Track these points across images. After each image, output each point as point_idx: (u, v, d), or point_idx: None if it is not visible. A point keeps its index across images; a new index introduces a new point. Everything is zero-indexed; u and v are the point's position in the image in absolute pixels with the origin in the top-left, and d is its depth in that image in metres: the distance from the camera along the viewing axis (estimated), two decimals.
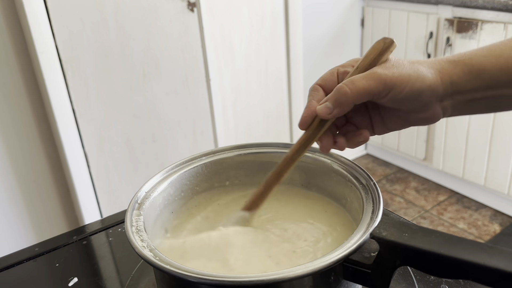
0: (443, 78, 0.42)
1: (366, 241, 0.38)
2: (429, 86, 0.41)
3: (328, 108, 0.42)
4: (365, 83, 0.41)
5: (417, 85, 0.41)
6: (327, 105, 0.42)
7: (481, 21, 1.72)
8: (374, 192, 0.45)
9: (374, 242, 0.39)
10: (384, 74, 0.41)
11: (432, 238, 0.37)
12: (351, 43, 2.22)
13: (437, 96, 0.42)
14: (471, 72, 0.42)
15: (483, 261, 0.33)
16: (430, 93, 0.42)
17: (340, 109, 0.42)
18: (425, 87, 0.41)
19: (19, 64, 1.32)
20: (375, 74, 0.41)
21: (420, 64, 0.42)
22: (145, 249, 0.39)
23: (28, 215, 1.45)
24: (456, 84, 0.42)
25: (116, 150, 1.50)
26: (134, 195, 0.48)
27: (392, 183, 2.21)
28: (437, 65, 0.42)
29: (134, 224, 0.43)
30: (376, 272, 0.38)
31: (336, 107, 0.42)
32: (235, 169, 0.58)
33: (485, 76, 0.42)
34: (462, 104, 0.44)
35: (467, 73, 0.42)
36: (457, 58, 0.43)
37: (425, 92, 0.42)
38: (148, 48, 1.47)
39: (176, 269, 0.37)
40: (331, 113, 0.42)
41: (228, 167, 0.58)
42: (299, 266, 0.36)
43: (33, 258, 0.59)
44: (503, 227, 1.85)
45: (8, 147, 1.35)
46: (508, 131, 1.75)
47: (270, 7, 1.75)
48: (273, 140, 1.95)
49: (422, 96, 0.42)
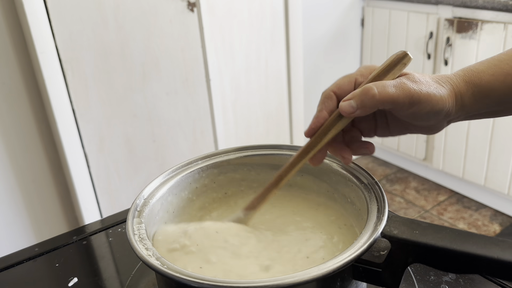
0: (457, 101, 0.43)
1: (376, 240, 0.38)
2: (447, 108, 0.42)
3: (352, 107, 0.41)
4: (395, 91, 0.40)
5: (438, 106, 0.41)
6: (352, 104, 0.41)
7: (481, 21, 1.72)
8: (377, 190, 0.45)
9: (383, 241, 0.39)
10: (413, 89, 0.40)
11: (443, 234, 0.37)
12: (351, 43, 2.22)
13: (449, 116, 0.43)
14: (481, 92, 0.43)
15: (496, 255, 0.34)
16: (446, 114, 0.42)
17: (363, 110, 0.41)
18: (444, 109, 0.42)
19: (19, 64, 1.32)
20: (405, 85, 0.40)
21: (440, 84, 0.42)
22: (152, 257, 0.39)
23: (28, 215, 1.44)
24: (466, 105, 0.43)
25: (116, 150, 1.50)
26: (133, 202, 0.47)
27: (392, 183, 2.21)
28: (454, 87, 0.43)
29: (136, 233, 0.43)
30: (388, 271, 0.38)
31: (360, 107, 0.41)
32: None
33: (493, 96, 0.43)
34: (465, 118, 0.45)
35: (477, 94, 0.43)
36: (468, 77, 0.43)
37: (442, 113, 0.42)
38: (148, 48, 1.47)
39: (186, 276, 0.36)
40: (354, 113, 0.42)
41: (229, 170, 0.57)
42: (312, 268, 0.35)
43: (33, 258, 0.59)
44: (503, 227, 1.85)
45: (8, 147, 1.35)
46: (508, 131, 1.74)
47: (270, 7, 1.75)
48: (273, 140, 1.95)
49: (439, 116, 0.42)
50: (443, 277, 0.50)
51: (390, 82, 0.41)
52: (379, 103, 0.40)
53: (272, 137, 1.93)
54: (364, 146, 0.46)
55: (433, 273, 0.51)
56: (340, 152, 0.45)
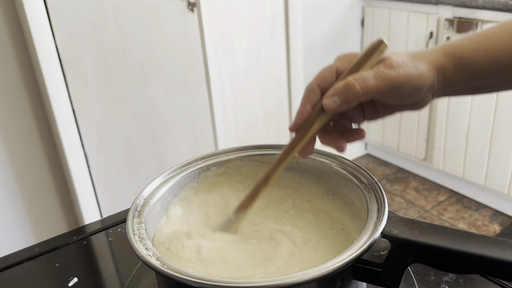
0: (438, 73, 0.43)
1: (377, 240, 0.38)
2: (429, 83, 0.43)
3: (336, 103, 0.42)
4: (375, 83, 0.41)
5: (420, 83, 0.42)
6: (335, 100, 0.42)
7: (481, 21, 1.72)
8: (377, 190, 0.45)
9: (383, 241, 0.39)
10: (391, 76, 0.41)
11: (443, 235, 0.37)
12: (351, 43, 2.22)
13: (432, 89, 0.44)
14: (461, 65, 0.43)
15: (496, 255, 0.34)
16: (428, 88, 0.43)
17: (347, 105, 0.42)
18: (426, 85, 0.43)
19: (19, 64, 1.32)
20: (383, 73, 0.41)
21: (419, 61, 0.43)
22: (152, 257, 0.39)
23: (27, 215, 1.44)
24: (447, 78, 0.44)
25: (116, 150, 1.50)
26: (133, 202, 0.47)
27: (392, 183, 2.21)
28: (433, 60, 0.44)
29: (136, 233, 0.43)
30: (388, 271, 0.38)
31: (343, 103, 0.42)
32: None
33: (473, 69, 0.43)
34: (449, 92, 0.46)
35: (458, 66, 0.43)
36: (448, 50, 0.44)
37: (424, 89, 0.43)
38: (148, 48, 1.47)
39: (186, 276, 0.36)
40: (338, 109, 0.42)
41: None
42: (312, 268, 0.35)
43: (33, 258, 0.59)
44: (503, 227, 1.85)
45: (8, 147, 1.35)
46: (508, 131, 1.74)
47: (270, 7, 1.75)
48: (273, 140, 1.95)
49: (422, 92, 0.43)
50: (443, 277, 0.50)
51: (369, 74, 0.41)
52: (362, 97, 0.41)
53: (272, 137, 1.93)
54: (355, 132, 0.46)
55: (433, 273, 0.51)
56: (334, 142, 0.46)
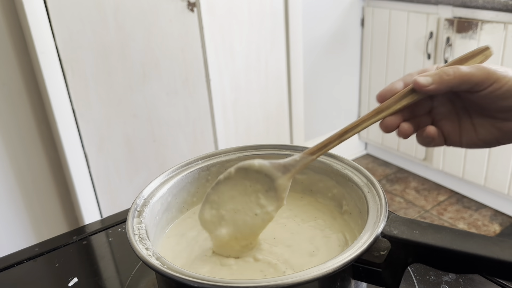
0: None
1: (377, 239, 0.38)
2: None
3: (427, 80, 0.42)
4: (469, 70, 0.41)
5: None
6: (427, 79, 0.42)
7: (481, 21, 1.72)
8: (377, 190, 0.45)
9: (383, 241, 0.39)
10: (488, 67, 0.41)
11: (443, 234, 0.37)
12: (351, 43, 2.22)
13: None
14: None
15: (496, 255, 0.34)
16: None
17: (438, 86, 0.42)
18: None
19: (19, 64, 1.32)
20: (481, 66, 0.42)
21: None
22: (151, 257, 0.39)
23: (27, 215, 1.44)
24: None
25: (116, 150, 1.50)
26: (133, 202, 0.47)
27: (392, 183, 2.21)
28: None
29: (136, 233, 0.43)
30: (387, 271, 0.38)
31: (435, 83, 0.42)
32: None
33: None
34: None
35: None
36: None
37: None
38: (148, 48, 1.47)
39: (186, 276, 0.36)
40: (428, 87, 0.42)
41: None
42: (312, 268, 0.35)
43: (33, 258, 0.59)
44: (503, 227, 1.85)
45: (8, 147, 1.35)
46: None
47: (270, 7, 1.75)
48: (273, 140, 1.95)
49: None
50: (443, 277, 0.50)
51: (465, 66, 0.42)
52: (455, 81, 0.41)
53: (272, 137, 1.93)
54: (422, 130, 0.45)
55: (433, 273, 0.51)
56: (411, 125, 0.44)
